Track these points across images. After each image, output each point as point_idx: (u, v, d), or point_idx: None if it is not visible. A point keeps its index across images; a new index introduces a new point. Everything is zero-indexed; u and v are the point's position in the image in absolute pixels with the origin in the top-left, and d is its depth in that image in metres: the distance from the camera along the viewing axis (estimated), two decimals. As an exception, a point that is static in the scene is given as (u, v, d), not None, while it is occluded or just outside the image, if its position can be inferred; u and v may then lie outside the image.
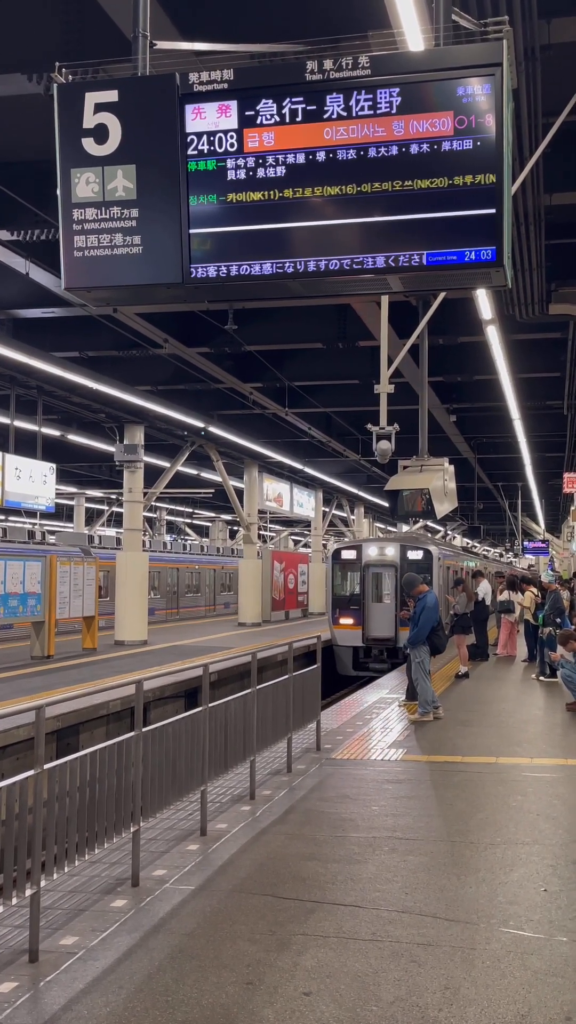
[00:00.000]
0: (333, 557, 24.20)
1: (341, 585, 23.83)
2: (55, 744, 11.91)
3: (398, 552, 22.80)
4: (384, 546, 23.44)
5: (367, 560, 23.10)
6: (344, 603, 23.33)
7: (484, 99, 5.52)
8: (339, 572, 23.88)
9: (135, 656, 20.02)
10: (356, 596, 23.07)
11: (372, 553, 23.13)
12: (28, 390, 19.90)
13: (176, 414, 21.70)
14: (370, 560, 23.06)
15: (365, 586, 22.90)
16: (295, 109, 5.79)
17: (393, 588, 22.64)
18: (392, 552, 22.97)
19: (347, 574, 23.70)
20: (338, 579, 23.88)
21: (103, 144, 6.05)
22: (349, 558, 23.57)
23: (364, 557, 23.17)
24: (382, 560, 22.97)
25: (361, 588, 23.00)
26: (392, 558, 22.83)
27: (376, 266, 5.84)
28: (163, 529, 49.76)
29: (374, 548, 23.34)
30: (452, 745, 10.34)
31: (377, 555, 23.04)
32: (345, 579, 23.82)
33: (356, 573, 23.24)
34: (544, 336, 18.00)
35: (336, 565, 23.99)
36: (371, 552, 23.18)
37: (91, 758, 5.29)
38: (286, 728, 8.96)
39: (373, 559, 23.04)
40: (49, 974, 4.56)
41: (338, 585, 23.82)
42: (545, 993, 4.38)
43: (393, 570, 22.58)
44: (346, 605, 23.20)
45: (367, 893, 5.66)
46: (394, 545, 23.30)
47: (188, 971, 4.58)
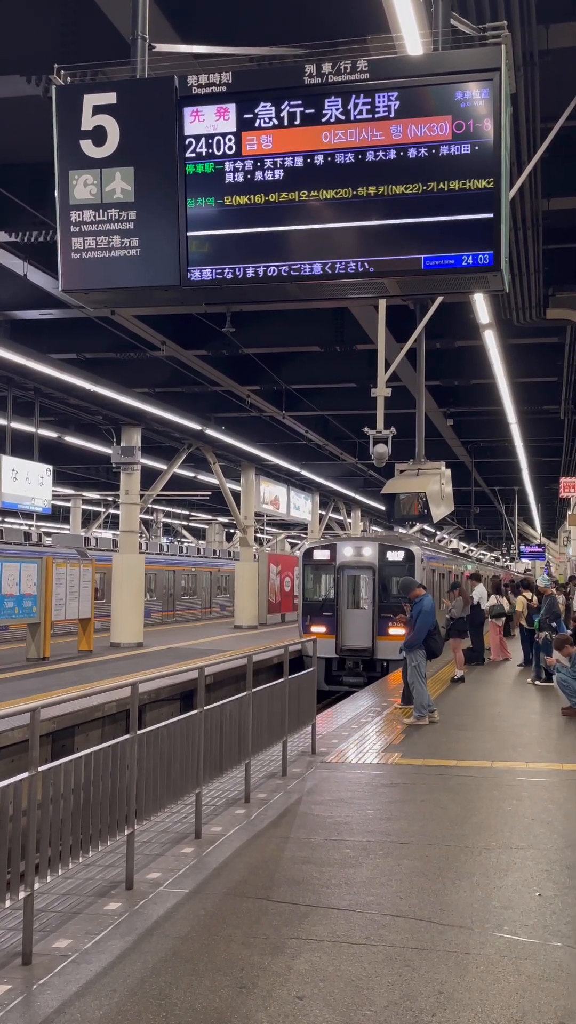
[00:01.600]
0: (304, 558, 22.08)
1: (313, 589, 21.80)
2: (50, 746, 11.89)
3: (376, 552, 20.90)
4: (361, 546, 21.45)
5: (342, 561, 21.09)
6: (316, 609, 21.31)
7: (482, 104, 5.54)
8: (311, 574, 21.84)
9: (131, 658, 20.00)
10: (329, 601, 21.08)
11: (347, 553, 21.13)
12: (25, 391, 19.90)
13: (173, 416, 21.70)
14: (345, 561, 21.07)
15: (340, 590, 20.97)
16: (293, 112, 5.81)
17: (371, 593, 20.79)
18: (370, 552, 21.00)
19: (320, 577, 21.72)
20: (310, 582, 21.86)
21: (101, 146, 6.06)
22: (322, 559, 21.50)
23: (339, 558, 21.13)
24: (358, 561, 20.98)
25: (335, 592, 21.02)
26: (369, 559, 20.88)
27: (374, 270, 5.85)
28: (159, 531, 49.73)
29: (349, 548, 21.30)
30: (447, 749, 10.33)
31: (353, 556, 21.06)
32: (318, 582, 21.82)
33: (330, 575, 21.27)
34: (541, 340, 18.03)
35: (308, 567, 21.90)
36: (346, 552, 21.17)
37: (86, 760, 5.27)
38: (281, 731, 8.95)
39: (348, 560, 21.06)
40: (42, 977, 4.54)
41: (310, 589, 21.80)
42: (539, 998, 4.37)
43: (371, 572, 20.72)
44: (318, 611, 21.21)
45: (361, 897, 5.66)
46: (372, 545, 21.29)
47: (182, 974, 4.57)
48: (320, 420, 26.86)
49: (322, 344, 18.25)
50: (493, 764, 9.54)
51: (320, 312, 17.54)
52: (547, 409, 23.22)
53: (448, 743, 10.70)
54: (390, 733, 11.32)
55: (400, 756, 9.90)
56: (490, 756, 9.95)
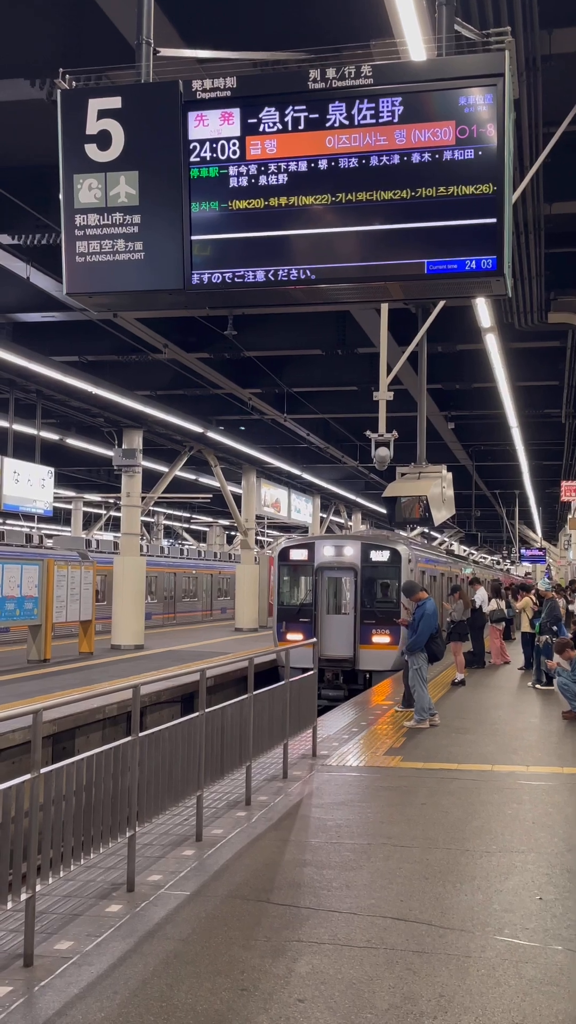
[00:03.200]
0: (279, 558, 20.18)
1: (289, 592, 20.09)
2: (51, 748, 11.91)
3: (358, 552, 19.24)
4: (341, 545, 19.66)
5: (321, 562, 19.37)
6: (292, 615, 19.65)
7: (486, 109, 5.56)
8: (287, 576, 20.04)
9: (132, 661, 20.01)
10: (307, 606, 19.41)
11: (327, 553, 19.45)
12: (27, 394, 19.93)
13: (175, 419, 21.74)
14: (324, 562, 19.36)
15: (318, 594, 19.30)
16: (297, 117, 5.83)
17: (353, 596, 19.11)
18: (351, 552, 19.31)
19: (298, 579, 19.94)
20: (285, 585, 20.05)
21: (106, 150, 6.07)
22: (299, 559, 19.69)
23: (317, 558, 19.41)
24: (339, 562, 19.30)
25: (313, 596, 19.35)
26: (351, 560, 19.20)
27: (376, 274, 5.86)
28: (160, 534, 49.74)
29: (329, 547, 19.62)
30: (448, 752, 10.33)
31: (333, 556, 19.39)
32: (295, 585, 20.06)
33: (308, 577, 19.56)
34: (543, 345, 18.06)
35: (283, 567, 20.03)
36: (326, 552, 19.48)
37: (87, 763, 5.28)
38: (282, 734, 8.96)
39: (328, 561, 19.37)
40: (44, 979, 4.55)
41: (285, 593, 20.05)
42: (540, 1002, 4.38)
43: (353, 574, 19.09)
44: (295, 617, 19.53)
45: (362, 900, 5.66)
46: (354, 544, 19.60)
47: (183, 977, 4.58)
48: (321, 423, 26.88)
49: (324, 347, 18.27)
50: (494, 767, 9.55)
51: (322, 315, 17.56)
52: (548, 413, 23.23)
53: (449, 746, 10.70)
54: (391, 736, 11.32)
55: (401, 759, 9.90)
56: (491, 759, 9.96)
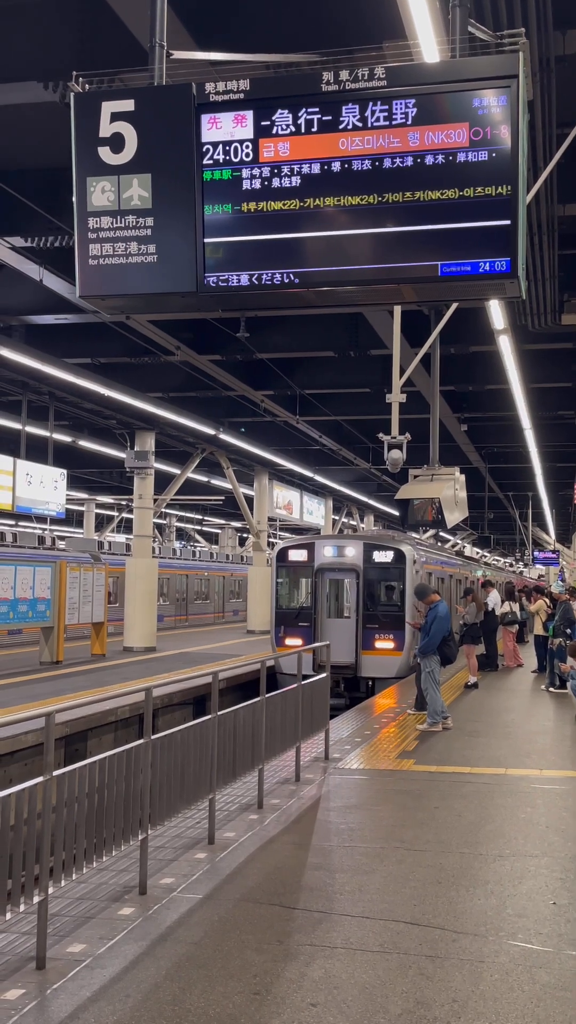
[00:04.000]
0: (278, 559, 19.20)
1: (288, 595, 19.17)
2: (63, 750, 11.92)
3: (361, 553, 18.36)
4: (343, 545, 18.79)
5: (321, 563, 18.50)
6: (291, 618, 18.67)
7: (500, 111, 5.54)
8: (286, 578, 19.16)
9: (143, 663, 20.03)
10: (307, 610, 18.56)
11: (328, 554, 18.58)
12: (40, 396, 20.00)
13: (187, 421, 21.76)
14: (325, 563, 18.49)
15: (318, 596, 18.44)
16: (311, 119, 5.82)
17: (355, 599, 18.27)
18: (353, 553, 18.42)
19: (297, 581, 19.11)
20: (284, 587, 19.16)
21: (119, 153, 6.08)
22: (299, 560, 18.79)
23: (317, 559, 18.53)
24: (340, 563, 18.43)
25: (313, 599, 18.48)
26: (353, 560, 18.33)
27: (390, 276, 5.85)
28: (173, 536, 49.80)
29: (330, 548, 18.75)
30: (461, 756, 10.30)
31: (334, 556, 18.53)
32: (294, 587, 19.19)
33: (308, 579, 18.72)
34: (556, 347, 18.00)
35: (281, 569, 19.13)
36: (326, 552, 18.61)
37: (100, 765, 5.28)
38: (295, 737, 8.94)
39: (329, 562, 18.50)
40: (56, 981, 4.55)
41: (284, 595, 19.12)
42: (553, 1007, 4.35)
43: (355, 576, 18.26)
44: (294, 621, 18.60)
45: (375, 904, 5.64)
46: (356, 544, 18.72)
47: (195, 980, 4.57)
48: (334, 425, 26.86)
49: (337, 349, 18.25)
50: (507, 771, 9.51)
51: (335, 317, 17.54)
52: (562, 415, 23.15)
53: (462, 750, 10.67)
54: (403, 740, 11.29)
55: (414, 762, 9.87)
56: (504, 763, 9.92)
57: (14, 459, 19.48)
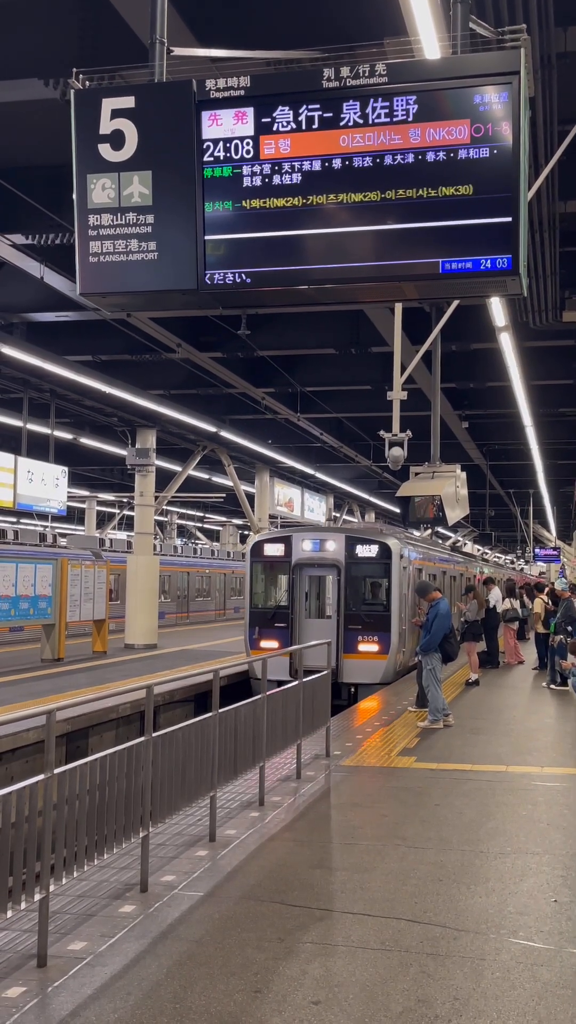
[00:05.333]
0: (252, 553, 17.92)
1: (263, 593, 17.86)
2: (65, 747, 11.93)
3: (342, 547, 17.06)
4: (323, 539, 17.45)
5: (299, 558, 17.15)
6: (266, 619, 17.35)
7: (501, 107, 5.53)
8: (261, 575, 17.80)
9: (145, 660, 20.04)
10: (283, 609, 17.25)
11: (306, 548, 17.27)
12: (41, 393, 19.99)
13: (188, 418, 21.76)
14: (303, 558, 17.17)
15: (296, 594, 17.13)
16: (311, 116, 5.81)
17: (336, 597, 16.99)
18: (334, 547, 17.15)
19: (273, 578, 17.78)
20: (259, 584, 17.83)
21: (119, 150, 6.07)
22: (275, 555, 17.48)
23: (295, 554, 17.20)
24: (320, 558, 17.14)
25: (290, 598, 17.16)
26: (334, 555, 17.05)
27: (391, 274, 5.84)
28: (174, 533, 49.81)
29: (309, 541, 17.37)
30: (462, 753, 10.30)
31: (313, 551, 17.23)
32: (271, 584, 17.86)
33: (285, 576, 17.42)
34: (557, 343, 17.98)
35: (256, 564, 17.76)
36: (305, 547, 17.28)
37: (101, 763, 5.28)
38: (296, 734, 8.94)
39: (307, 556, 17.20)
40: (57, 979, 4.55)
41: (259, 593, 17.80)
42: (555, 1005, 4.35)
43: (336, 572, 17.01)
44: (269, 622, 17.28)
45: (376, 902, 5.64)
46: (337, 537, 17.42)
47: (196, 978, 4.57)
48: (335, 422, 26.85)
49: (337, 346, 18.25)
50: (508, 768, 9.51)
51: (336, 315, 17.54)
52: (563, 412, 23.15)
53: (463, 747, 10.66)
54: (404, 737, 11.29)
55: (415, 760, 9.87)
56: (505, 760, 9.92)
57: (15, 456, 19.47)
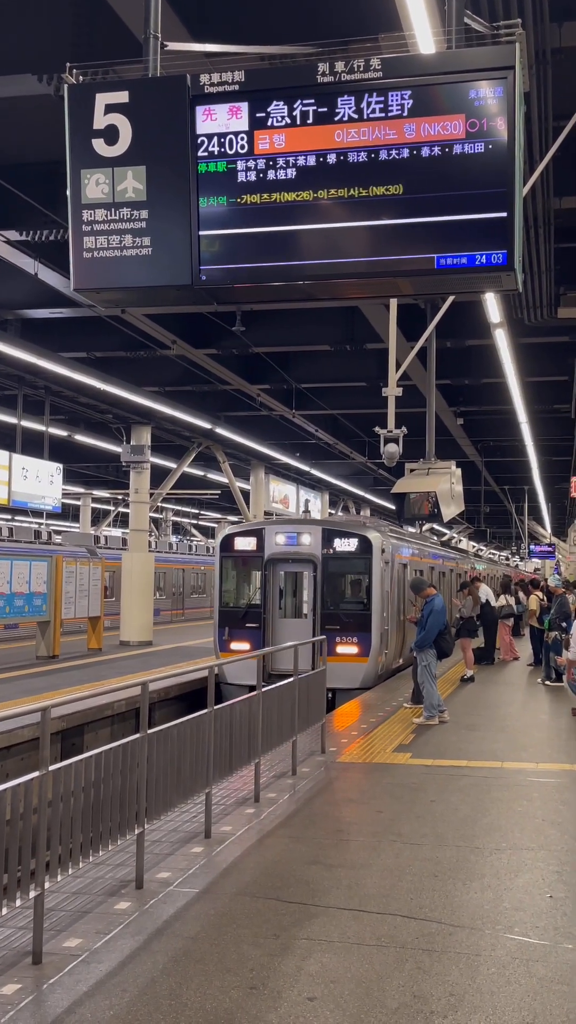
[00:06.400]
0: (222, 547, 16.76)
1: (234, 591, 16.72)
2: (60, 744, 11.91)
3: (319, 541, 15.95)
4: (297, 532, 16.28)
5: (272, 552, 16.06)
6: (237, 619, 16.23)
7: (496, 102, 5.52)
8: (231, 571, 16.67)
9: (140, 657, 20.03)
10: (255, 608, 16.12)
11: (280, 541, 16.14)
12: (36, 390, 19.94)
13: (183, 415, 21.75)
14: (276, 552, 16.06)
15: (268, 592, 16.02)
16: (306, 111, 5.80)
17: (312, 595, 15.84)
18: (310, 540, 16.03)
19: (244, 574, 16.63)
20: (229, 581, 16.71)
21: (113, 145, 6.05)
22: (246, 549, 16.33)
23: (268, 548, 16.09)
24: (295, 552, 16.04)
25: (263, 595, 16.06)
26: (310, 550, 15.95)
27: (386, 269, 5.83)
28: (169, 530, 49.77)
29: (283, 535, 16.24)
30: (457, 749, 10.30)
31: (288, 545, 16.10)
32: (242, 581, 16.73)
33: (257, 572, 16.27)
34: (552, 340, 17.96)
35: (226, 560, 16.61)
36: (278, 540, 16.16)
37: (96, 760, 5.27)
38: (291, 730, 8.94)
39: (281, 551, 16.07)
40: (52, 976, 4.54)
41: (229, 591, 16.67)
42: (550, 1000, 4.35)
43: (312, 567, 15.87)
44: (240, 622, 16.16)
45: (371, 898, 5.64)
46: (313, 530, 16.24)
47: (192, 975, 4.57)
48: (330, 419, 26.83)
49: (332, 343, 18.23)
50: (503, 764, 9.51)
51: (330, 311, 17.52)
52: (558, 408, 23.15)
53: (458, 743, 10.67)
54: (400, 733, 11.29)
55: (410, 756, 9.87)
56: (500, 756, 9.92)
57: (10, 453, 19.43)
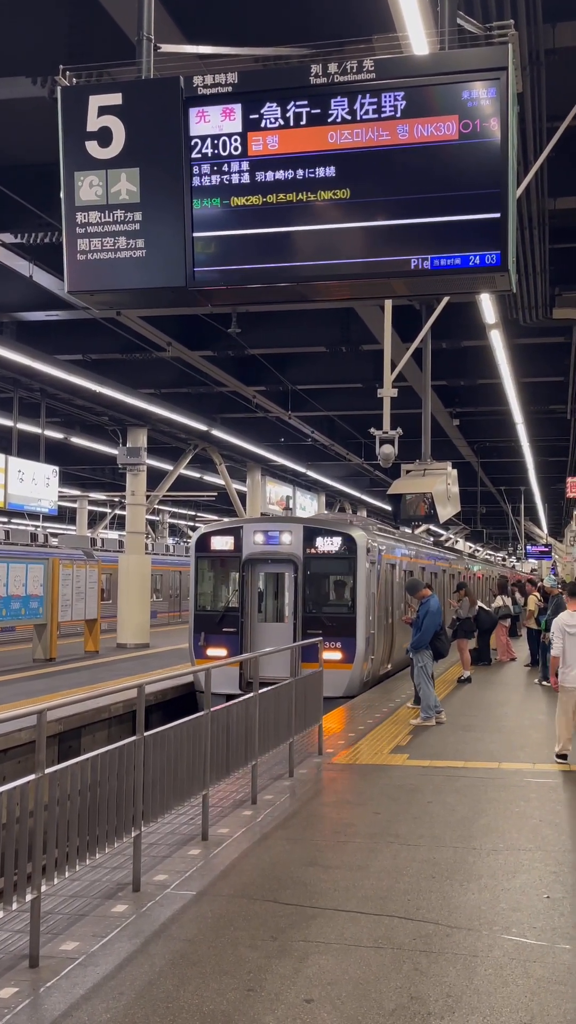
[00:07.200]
0: (197, 547, 15.85)
1: (210, 594, 15.87)
2: (57, 747, 11.90)
3: (300, 540, 15.14)
4: (277, 530, 15.44)
5: (250, 552, 15.26)
6: (213, 623, 15.35)
7: (489, 103, 5.53)
8: (207, 572, 15.82)
9: (137, 659, 20.02)
10: (233, 612, 15.28)
11: (258, 541, 15.30)
12: (31, 393, 19.94)
13: (179, 417, 21.74)
14: (255, 552, 15.25)
15: (246, 594, 15.21)
16: (299, 113, 5.80)
17: (294, 597, 15.01)
18: (290, 540, 15.18)
19: (222, 575, 15.78)
20: (206, 583, 15.84)
21: (107, 147, 6.06)
22: (223, 549, 15.47)
23: (246, 547, 15.28)
24: (274, 552, 15.22)
25: (240, 598, 15.22)
26: (290, 549, 15.12)
27: (380, 270, 5.83)
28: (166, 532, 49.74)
29: (261, 533, 15.37)
30: (454, 750, 10.30)
31: (267, 544, 15.29)
32: (220, 583, 15.88)
33: (235, 573, 15.41)
34: (547, 340, 17.99)
35: (203, 560, 15.73)
36: (257, 539, 15.32)
37: (93, 762, 5.26)
38: (288, 732, 8.93)
39: (260, 551, 15.26)
40: (49, 980, 4.53)
41: (205, 594, 15.80)
42: (548, 1001, 4.35)
43: (292, 568, 15.08)
44: (217, 627, 15.29)
45: (369, 899, 5.64)
46: (294, 529, 15.37)
47: (189, 977, 4.56)
48: (326, 421, 26.84)
49: (328, 345, 18.24)
50: (500, 765, 9.51)
51: (326, 312, 17.52)
52: (553, 409, 23.17)
53: (455, 744, 10.67)
54: (397, 734, 11.29)
55: (407, 757, 9.87)
56: (497, 757, 9.92)
57: (6, 456, 19.42)
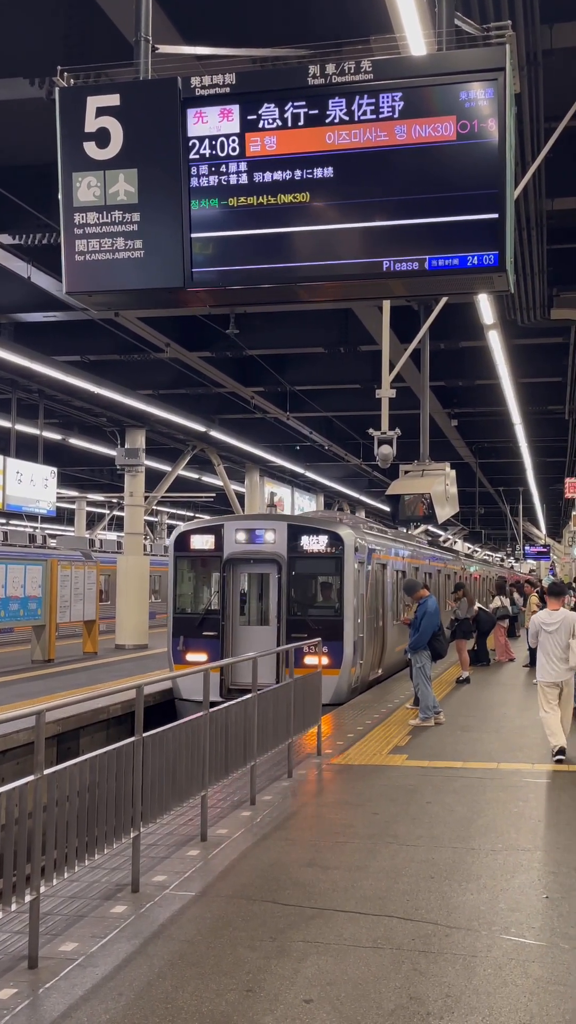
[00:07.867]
0: (176, 547, 15.03)
1: (190, 595, 15.15)
2: (55, 748, 11.89)
3: (284, 538, 14.37)
4: (260, 529, 14.70)
5: (232, 552, 14.50)
6: (193, 626, 14.56)
7: (487, 103, 5.53)
8: (187, 573, 15.07)
9: (136, 660, 20.02)
10: (213, 615, 14.52)
11: (240, 540, 14.55)
12: (29, 394, 19.95)
13: (177, 418, 21.75)
14: (236, 552, 14.49)
15: (227, 596, 14.48)
16: (297, 113, 5.81)
17: (278, 599, 14.28)
18: (274, 538, 14.44)
19: (201, 576, 15.09)
20: (185, 584, 15.12)
21: (105, 148, 6.06)
22: (203, 548, 14.74)
23: (227, 547, 14.52)
24: (257, 551, 14.48)
25: (222, 600, 14.50)
26: (274, 548, 14.37)
27: (378, 271, 5.83)
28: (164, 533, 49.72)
29: (243, 532, 14.63)
30: (453, 750, 10.30)
31: (249, 543, 14.53)
32: (200, 584, 15.16)
33: (216, 574, 14.69)
34: (546, 341, 18.01)
35: (182, 560, 14.95)
36: (239, 538, 14.56)
37: (91, 763, 5.26)
38: (287, 733, 8.93)
39: (242, 550, 14.50)
40: (48, 981, 4.53)
41: (184, 595, 15.05)
42: (547, 1001, 4.35)
43: (276, 568, 14.34)
44: (196, 630, 14.51)
45: (368, 900, 5.64)
46: (278, 527, 14.62)
47: (188, 978, 4.56)
48: (324, 421, 26.85)
49: (326, 345, 18.25)
50: (499, 765, 9.51)
51: (324, 313, 17.53)
52: (551, 409, 23.19)
53: (454, 744, 10.67)
54: (396, 735, 11.29)
55: (406, 758, 9.87)
56: (496, 757, 9.92)
57: (4, 457, 19.44)
